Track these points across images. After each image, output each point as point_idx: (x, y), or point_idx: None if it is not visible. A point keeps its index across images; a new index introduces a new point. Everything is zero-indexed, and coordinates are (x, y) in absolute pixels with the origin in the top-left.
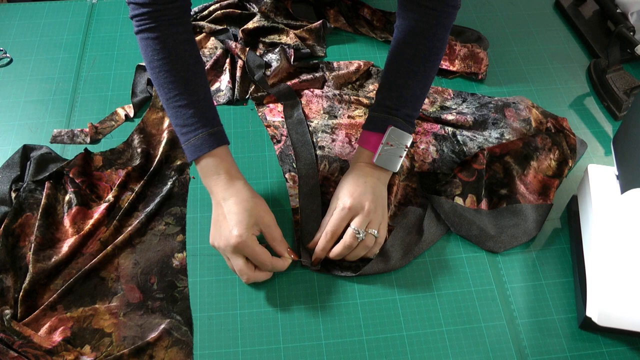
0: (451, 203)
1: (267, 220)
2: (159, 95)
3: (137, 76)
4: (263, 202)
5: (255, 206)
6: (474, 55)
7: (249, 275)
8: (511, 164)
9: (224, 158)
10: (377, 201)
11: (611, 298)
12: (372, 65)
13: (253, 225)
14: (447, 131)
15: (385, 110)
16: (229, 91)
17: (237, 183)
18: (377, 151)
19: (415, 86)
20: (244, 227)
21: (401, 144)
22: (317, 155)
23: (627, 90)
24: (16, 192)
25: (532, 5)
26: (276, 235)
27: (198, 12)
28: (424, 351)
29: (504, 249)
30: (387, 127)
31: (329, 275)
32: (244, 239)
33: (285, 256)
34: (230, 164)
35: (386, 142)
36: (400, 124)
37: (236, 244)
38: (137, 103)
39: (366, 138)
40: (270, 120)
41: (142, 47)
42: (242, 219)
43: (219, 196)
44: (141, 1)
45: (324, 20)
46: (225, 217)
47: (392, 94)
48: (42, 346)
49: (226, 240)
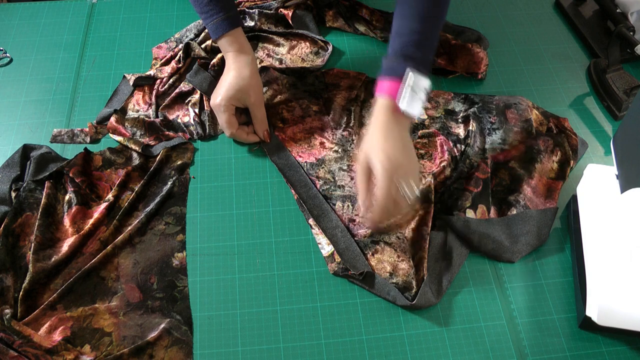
0: (463, 220)
1: (254, 100)
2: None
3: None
4: (258, 83)
5: (247, 85)
6: (474, 55)
7: (231, 131)
8: (516, 169)
9: (237, 38)
10: (413, 155)
11: (611, 298)
12: (366, 77)
13: (236, 99)
14: (460, 148)
15: (402, 56)
16: (198, 125)
17: (244, 59)
18: (399, 95)
19: (429, 30)
20: (226, 97)
21: (421, 86)
22: (336, 195)
23: (627, 90)
24: (16, 192)
25: (532, 5)
26: (257, 114)
27: (197, 34)
28: (424, 351)
29: (520, 257)
30: (406, 70)
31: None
32: (221, 105)
33: (260, 136)
34: (241, 43)
35: (408, 85)
36: (420, 68)
37: (214, 105)
38: (106, 116)
39: (385, 86)
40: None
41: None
42: (228, 89)
43: (228, 67)
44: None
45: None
46: (222, 83)
47: (407, 39)
48: (42, 346)
49: (213, 100)
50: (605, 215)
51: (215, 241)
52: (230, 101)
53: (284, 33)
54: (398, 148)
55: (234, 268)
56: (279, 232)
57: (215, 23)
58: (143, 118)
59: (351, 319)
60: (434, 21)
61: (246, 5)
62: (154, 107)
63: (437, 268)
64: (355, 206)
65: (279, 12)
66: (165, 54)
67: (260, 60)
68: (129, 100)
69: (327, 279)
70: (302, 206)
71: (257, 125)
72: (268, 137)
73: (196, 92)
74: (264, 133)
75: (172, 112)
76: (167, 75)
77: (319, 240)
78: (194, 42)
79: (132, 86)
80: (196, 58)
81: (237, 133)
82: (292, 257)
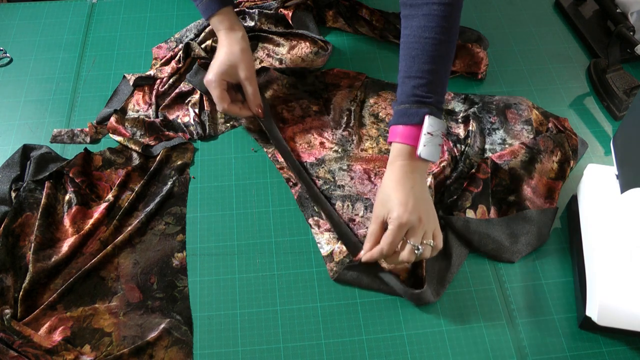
0: (463, 220)
1: (245, 75)
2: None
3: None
4: (249, 58)
5: (238, 60)
6: (474, 55)
7: (223, 106)
8: (516, 170)
9: (227, 16)
10: (428, 208)
11: (611, 298)
12: (366, 77)
13: (227, 74)
14: (460, 149)
15: (416, 100)
16: (198, 126)
17: (234, 36)
18: (419, 143)
19: (440, 70)
20: (217, 72)
21: (439, 132)
22: (336, 195)
23: (627, 90)
24: (16, 192)
25: (532, 5)
26: (249, 89)
27: (197, 34)
28: (424, 351)
29: (520, 257)
30: (424, 117)
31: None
32: (212, 80)
33: (253, 110)
34: (231, 20)
35: (427, 132)
36: (435, 112)
37: (206, 82)
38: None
39: (400, 132)
40: (282, 162)
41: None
42: (220, 64)
43: (220, 44)
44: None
45: (331, 46)
46: (214, 60)
47: (421, 82)
48: (42, 346)
49: (206, 77)
50: (605, 215)
51: (215, 241)
52: (221, 76)
53: (284, 33)
54: (419, 206)
55: (234, 268)
56: (279, 232)
57: (205, 3)
58: (143, 118)
59: (351, 319)
60: (444, 59)
61: (246, 5)
62: (154, 107)
63: (436, 268)
64: (355, 206)
65: (279, 12)
66: (165, 54)
67: (260, 60)
68: (129, 100)
69: (327, 279)
70: (302, 206)
71: (249, 100)
72: (262, 113)
73: (196, 92)
74: (257, 109)
75: (172, 112)
76: (167, 75)
77: (319, 240)
78: (194, 42)
79: (132, 86)
80: (196, 58)
81: (229, 108)
82: (292, 257)
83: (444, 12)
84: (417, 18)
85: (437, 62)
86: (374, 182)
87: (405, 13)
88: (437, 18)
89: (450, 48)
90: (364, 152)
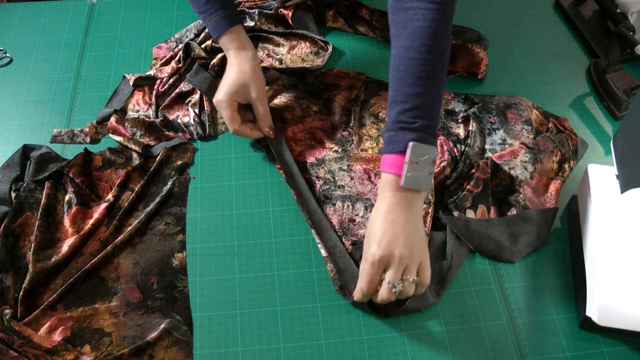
0: (463, 220)
1: (256, 95)
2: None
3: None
4: (260, 78)
5: (249, 80)
6: (474, 55)
7: (234, 127)
8: (516, 170)
9: (237, 35)
10: (411, 241)
11: (611, 298)
12: (366, 77)
13: (238, 94)
14: (460, 149)
15: (401, 127)
16: (198, 126)
17: (245, 55)
18: (402, 173)
19: (429, 93)
20: (228, 93)
21: (427, 159)
22: (336, 195)
23: (627, 90)
24: (16, 192)
25: (532, 5)
26: (260, 110)
27: (197, 34)
28: (424, 351)
29: (520, 257)
30: (407, 144)
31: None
32: (223, 101)
33: (264, 132)
34: (241, 39)
35: (410, 161)
36: (422, 137)
37: (216, 102)
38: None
39: (387, 161)
40: (282, 163)
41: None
42: (230, 84)
43: (229, 64)
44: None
45: (331, 46)
46: (224, 80)
47: (405, 107)
48: (42, 346)
49: (215, 97)
50: (605, 215)
51: (215, 241)
52: (232, 97)
53: (284, 33)
54: (397, 241)
55: (234, 268)
56: (279, 232)
57: (215, 22)
58: (143, 118)
59: (351, 319)
60: (431, 80)
61: (246, 5)
62: (154, 107)
63: (436, 268)
64: (356, 206)
65: (279, 12)
66: (165, 54)
67: (260, 60)
68: (129, 100)
69: (327, 279)
70: (302, 206)
71: (260, 120)
72: (273, 133)
73: (196, 92)
74: (268, 129)
75: (172, 112)
76: (167, 76)
77: (319, 240)
78: (194, 42)
79: (132, 86)
80: (196, 58)
81: (240, 129)
82: (292, 257)
83: (429, 28)
84: (402, 38)
85: (423, 84)
86: (374, 182)
87: (392, 32)
88: (421, 36)
89: (438, 66)
90: (364, 152)
